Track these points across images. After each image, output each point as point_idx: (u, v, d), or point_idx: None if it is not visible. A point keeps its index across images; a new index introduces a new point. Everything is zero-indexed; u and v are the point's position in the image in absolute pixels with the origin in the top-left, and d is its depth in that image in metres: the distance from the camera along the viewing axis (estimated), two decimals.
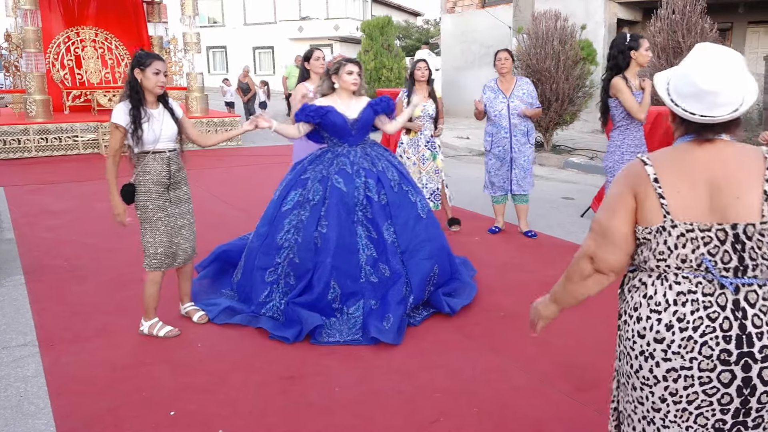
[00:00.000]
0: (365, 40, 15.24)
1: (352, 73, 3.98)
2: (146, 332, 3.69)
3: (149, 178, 3.51)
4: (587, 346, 3.56)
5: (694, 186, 1.57)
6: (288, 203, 3.95)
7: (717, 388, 1.54)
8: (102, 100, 12.57)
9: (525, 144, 5.62)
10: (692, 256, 1.57)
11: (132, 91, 3.46)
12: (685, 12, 8.32)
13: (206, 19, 35.00)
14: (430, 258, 3.94)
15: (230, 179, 8.91)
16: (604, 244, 1.71)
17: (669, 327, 1.58)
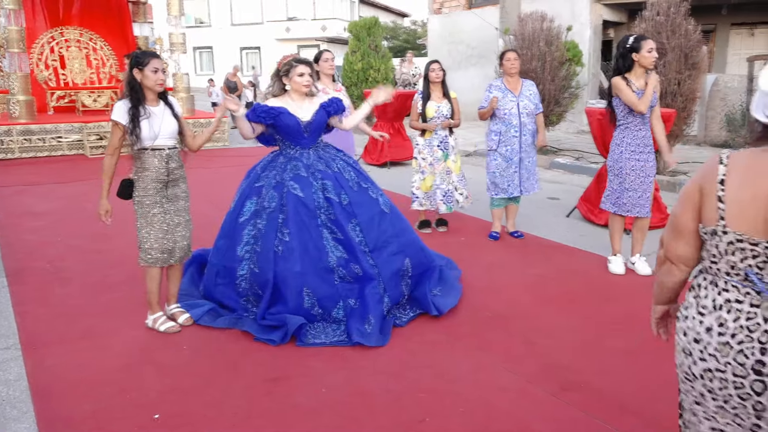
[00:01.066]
0: (352, 40, 15.20)
1: (303, 74, 3.88)
2: (150, 326, 3.76)
3: (147, 175, 3.55)
4: (573, 346, 3.58)
5: (755, 197, 1.51)
6: (245, 214, 3.88)
7: (749, 394, 1.55)
8: (87, 100, 12.46)
9: (531, 144, 5.62)
10: (741, 264, 1.56)
11: (131, 90, 3.50)
12: (669, 13, 8.37)
13: (192, 20, 34.81)
14: (399, 253, 3.92)
15: (217, 180, 8.87)
16: (673, 235, 1.75)
17: (708, 330, 1.60)
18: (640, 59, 4.42)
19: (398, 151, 10.14)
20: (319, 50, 5.37)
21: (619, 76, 4.50)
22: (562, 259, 5.20)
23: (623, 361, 3.37)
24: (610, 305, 4.19)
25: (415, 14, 38.92)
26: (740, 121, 10.69)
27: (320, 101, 4.03)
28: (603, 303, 4.23)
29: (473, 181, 7.13)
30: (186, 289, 4.18)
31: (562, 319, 3.95)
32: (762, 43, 14.91)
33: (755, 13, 14.36)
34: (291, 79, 3.90)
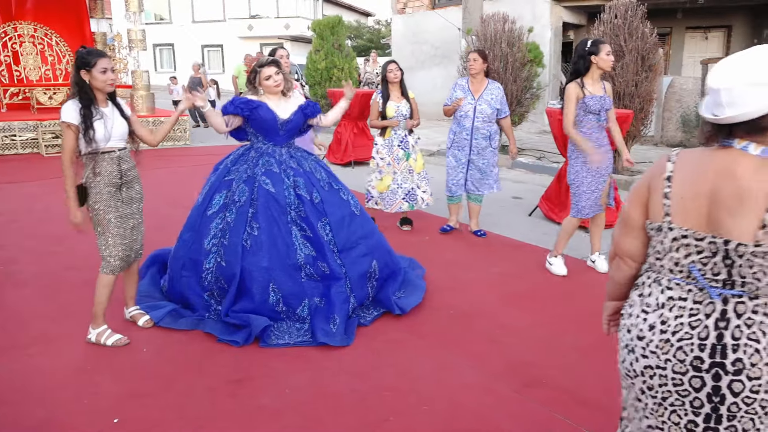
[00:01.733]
0: (316, 39, 15.13)
1: (270, 77, 3.87)
2: (93, 340, 3.54)
3: (100, 179, 3.39)
4: (535, 343, 3.63)
5: (697, 194, 1.54)
6: (213, 207, 3.83)
7: (688, 391, 1.57)
8: (42, 98, 12.10)
9: (486, 148, 5.59)
10: (684, 261, 1.58)
11: (81, 91, 3.34)
12: (627, 17, 8.57)
13: (152, 16, 34.14)
14: (367, 254, 3.93)
15: (178, 180, 8.72)
16: (622, 231, 1.78)
17: (651, 327, 1.63)
18: (599, 62, 4.50)
19: (362, 151, 10.12)
20: (273, 48, 5.33)
21: (575, 83, 4.55)
22: (524, 257, 5.26)
23: (584, 357, 3.43)
24: (571, 302, 4.26)
25: (379, 14, 38.98)
26: (695, 121, 11.00)
27: (298, 102, 4.04)
28: (565, 300, 4.29)
29: (435, 180, 7.16)
30: (146, 291, 4.10)
31: (525, 317, 4.00)
32: (715, 46, 15.37)
33: (709, 17, 14.81)
34: (261, 85, 3.91)
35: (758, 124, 1.47)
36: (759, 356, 1.48)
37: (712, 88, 1.53)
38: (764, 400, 1.50)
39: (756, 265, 1.47)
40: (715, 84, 1.52)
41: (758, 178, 1.46)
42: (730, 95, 1.48)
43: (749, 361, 1.48)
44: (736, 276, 1.50)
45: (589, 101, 4.53)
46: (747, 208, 1.46)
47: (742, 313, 1.50)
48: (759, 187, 1.45)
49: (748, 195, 1.46)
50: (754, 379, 1.49)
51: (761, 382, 1.48)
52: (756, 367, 1.48)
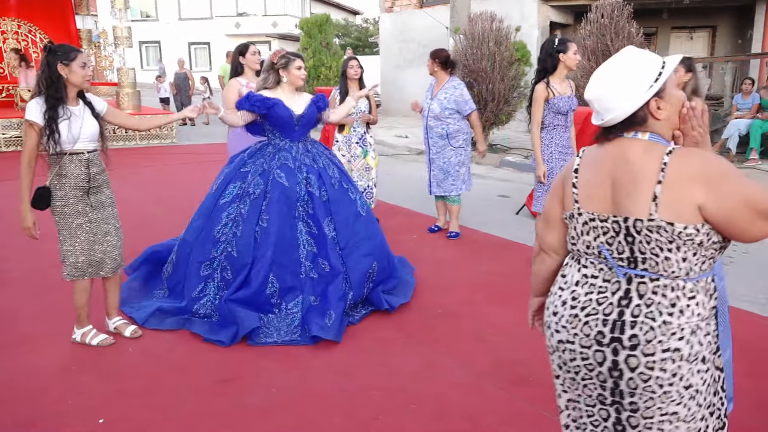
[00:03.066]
0: (304, 37, 15.10)
1: (301, 68, 3.98)
2: (78, 340, 3.50)
3: (66, 182, 3.24)
4: (522, 342, 3.63)
5: (601, 180, 1.68)
6: (227, 196, 3.89)
7: (593, 365, 1.66)
8: (26, 95, 11.96)
9: (445, 147, 5.52)
10: (594, 243, 1.69)
11: (51, 88, 3.14)
12: (613, 16, 8.64)
13: (138, 13, 33.87)
14: (369, 255, 3.95)
15: (164, 178, 8.67)
16: (543, 225, 1.90)
17: (563, 303, 1.73)
18: (566, 60, 4.51)
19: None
20: (244, 43, 5.13)
21: (542, 83, 4.54)
22: (512, 255, 5.28)
23: None
24: None
25: (367, 12, 38.90)
26: None
27: (310, 96, 4.12)
28: None
29: (424, 179, 7.16)
30: (136, 288, 4.13)
31: (513, 315, 4.02)
32: (700, 46, 15.51)
33: (694, 17, 14.94)
34: (290, 72, 3.97)
35: (633, 119, 1.64)
36: (653, 333, 1.56)
37: (588, 100, 1.71)
38: (660, 378, 1.57)
39: (653, 240, 1.57)
40: (587, 96, 1.71)
41: (647, 156, 1.60)
42: (601, 103, 1.67)
43: (644, 337, 1.57)
44: (638, 253, 1.60)
45: (558, 102, 4.52)
46: (640, 186, 1.58)
47: (644, 293, 1.60)
48: (648, 166, 1.59)
49: (641, 175, 1.59)
50: (648, 356, 1.57)
51: (655, 359, 1.56)
52: (650, 343, 1.56)
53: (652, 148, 1.62)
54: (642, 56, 1.65)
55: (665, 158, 1.58)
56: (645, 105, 1.62)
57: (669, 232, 1.55)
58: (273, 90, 4.02)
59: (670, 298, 1.58)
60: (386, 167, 9.62)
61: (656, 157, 1.59)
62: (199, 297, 3.77)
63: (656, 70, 1.62)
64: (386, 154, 11.30)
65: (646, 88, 1.61)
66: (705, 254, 1.58)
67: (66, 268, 3.37)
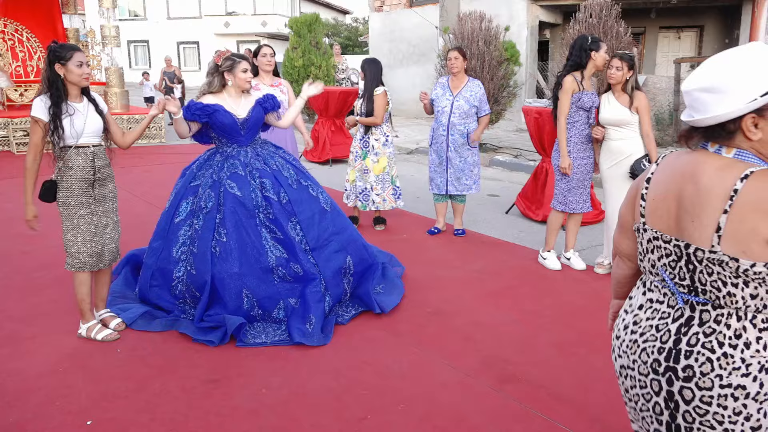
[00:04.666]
0: (293, 37, 15.03)
1: (246, 70, 3.84)
2: (84, 335, 3.55)
3: (72, 174, 3.35)
4: (511, 340, 3.65)
5: (666, 196, 1.54)
6: (180, 214, 3.78)
7: (651, 394, 1.56)
8: (12, 95, 11.86)
9: (463, 146, 5.57)
10: (658, 263, 1.57)
11: (52, 87, 3.27)
12: (602, 16, 8.68)
13: (127, 12, 33.67)
14: (341, 250, 3.90)
15: (152, 178, 8.62)
16: (618, 230, 1.81)
17: (626, 327, 1.65)
18: (597, 59, 4.54)
19: (340, 149, 10.10)
20: (259, 45, 5.33)
21: (572, 75, 4.56)
22: (501, 255, 5.30)
23: (559, 354, 3.46)
24: (547, 300, 4.29)
25: (357, 12, 38.88)
26: (668, 120, 11.15)
27: (255, 98, 3.97)
28: (540, 297, 4.33)
29: (414, 179, 7.16)
30: (119, 291, 4.05)
31: (501, 314, 4.03)
32: (688, 45, 15.62)
33: (682, 17, 15.05)
34: (235, 75, 3.82)
35: (720, 130, 1.45)
36: (710, 366, 1.44)
37: (683, 91, 1.53)
38: (718, 414, 1.44)
39: (714, 273, 1.43)
40: (684, 87, 1.51)
41: (718, 179, 1.41)
42: (690, 99, 1.49)
43: (699, 369, 1.45)
44: (698, 283, 1.47)
45: (585, 97, 4.56)
46: (706, 210, 1.42)
47: (706, 321, 1.47)
48: (717, 188, 1.41)
49: (707, 197, 1.42)
50: (704, 389, 1.45)
51: (712, 393, 1.44)
52: (707, 377, 1.44)
53: (731, 167, 1.41)
54: (762, 60, 1.41)
55: (738, 184, 1.37)
56: (739, 118, 1.41)
57: (733, 269, 1.38)
58: (217, 94, 3.85)
59: (735, 329, 1.42)
60: None
61: (730, 178, 1.39)
62: (181, 312, 3.76)
63: None
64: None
65: (748, 99, 1.39)
66: None
67: (68, 258, 3.46)
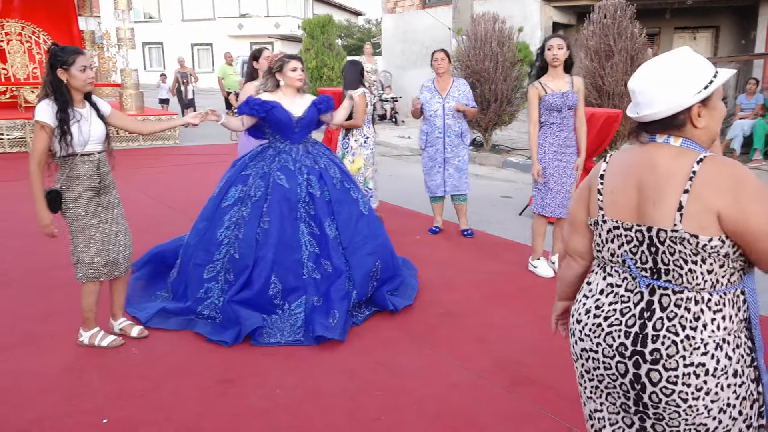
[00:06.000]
0: (306, 38, 15.11)
1: (296, 69, 3.99)
2: (86, 343, 3.46)
3: (79, 183, 3.23)
4: (524, 342, 3.64)
5: (625, 187, 1.64)
6: (228, 199, 3.92)
7: (616, 375, 1.64)
8: (29, 96, 11.97)
9: (459, 145, 5.64)
10: (618, 251, 1.66)
11: (56, 92, 3.14)
12: (616, 17, 8.62)
13: (141, 14, 33.94)
14: (373, 254, 3.96)
15: (166, 179, 8.68)
16: (569, 230, 1.88)
17: (587, 312, 1.71)
18: (547, 56, 4.49)
19: None
20: (258, 48, 5.26)
21: (532, 85, 4.54)
22: (514, 256, 5.28)
23: (570, 357, 3.43)
24: None
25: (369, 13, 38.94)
26: None
27: (311, 98, 4.13)
28: (553, 300, 4.29)
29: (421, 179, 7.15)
30: (139, 290, 4.14)
31: (514, 316, 4.02)
32: (703, 46, 15.48)
33: (697, 17, 14.91)
34: (284, 74, 3.99)
35: (672, 121, 1.58)
36: (675, 348, 1.53)
37: (630, 90, 1.66)
38: (683, 392, 1.54)
39: (677, 252, 1.53)
40: (631, 86, 1.65)
41: (675, 164, 1.55)
42: (643, 96, 1.61)
43: (666, 352, 1.54)
44: (661, 264, 1.57)
45: (549, 98, 4.49)
46: (665, 194, 1.53)
47: (666, 305, 1.56)
48: (676, 172, 1.54)
49: (666, 182, 1.54)
50: (670, 370, 1.54)
51: (677, 373, 1.53)
52: (672, 358, 1.53)
53: (684, 154, 1.57)
54: (697, 60, 1.60)
55: (695, 166, 1.52)
56: (688, 109, 1.57)
57: (693, 245, 1.50)
58: (273, 93, 4.04)
59: (694, 312, 1.54)
60: (389, 168, 9.63)
61: (686, 164, 1.54)
62: (203, 298, 3.79)
63: (708, 76, 1.57)
64: (389, 155, 11.30)
65: (695, 92, 1.55)
66: (733, 266, 1.54)
67: (81, 269, 3.35)
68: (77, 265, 3.36)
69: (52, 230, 3.30)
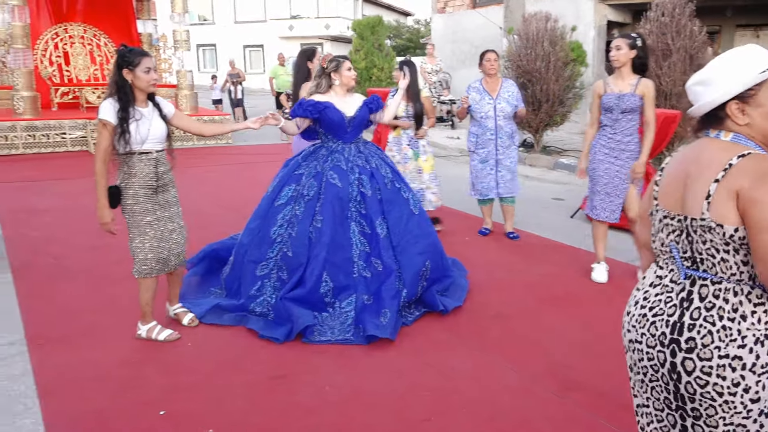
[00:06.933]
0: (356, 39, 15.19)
1: (351, 69, 4.07)
2: (144, 336, 3.58)
3: (136, 181, 3.36)
4: (576, 346, 3.58)
5: (676, 177, 1.68)
6: (282, 198, 3.99)
7: (657, 365, 1.64)
8: (91, 97, 12.47)
9: (510, 146, 5.60)
10: (666, 240, 1.68)
11: (120, 92, 3.28)
12: (674, 14, 8.36)
13: (196, 17, 34.82)
14: (423, 253, 3.96)
15: (219, 178, 8.88)
16: (638, 222, 1.93)
17: (636, 303, 1.73)
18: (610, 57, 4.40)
19: None
20: (311, 48, 5.27)
21: (597, 82, 4.51)
22: (566, 259, 5.19)
23: (624, 362, 3.35)
24: (613, 305, 4.17)
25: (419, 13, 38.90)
26: None
27: (362, 98, 4.19)
28: (607, 303, 4.22)
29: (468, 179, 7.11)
30: (194, 286, 4.25)
31: (566, 319, 3.95)
32: (767, 44, 14.87)
33: (760, 14, 14.33)
34: (341, 74, 4.06)
35: (713, 117, 1.63)
36: (711, 338, 1.52)
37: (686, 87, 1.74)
38: (718, 385, 1.51)
39: (708, 241, 1.54)
40: (688, 83, 1.72)
41: (717, 156, 1.56)
42: (690, 93, 1.69)
43: (701, 341, 1.53)
44: (696, 252, 1.58)
45: (605, 98, 4.39)
46: (699, 183, 1.56)
47: (705, 296, 1.56)
48: (714, 162, 1.55)
49: (704, 170, 1.56)
50: (704, 360, 1.52)
51: (711, 364, 1.51)
52: (707, 348, 1.52)
53: (730, 149, 1.57)
54: (745, 56, 1.59)
55: (734, 159, 1.52)
56: (724, 104, 1.58)
57: (720, 234, 1.51)
58: (325, 94, 4.09)
59: (733, 303, 1.52)
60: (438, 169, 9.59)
61: (727, 156, 1.54)
62: (256, 296, 3.86)
63: (752, 73, 1.55)
64: (438, 156, 11.25)
65: (728, 89, 1.57)
66: None
67: (136, 264, 3.48)
68: (133, 259, 3.48)
69: (111, 227, 3.43)
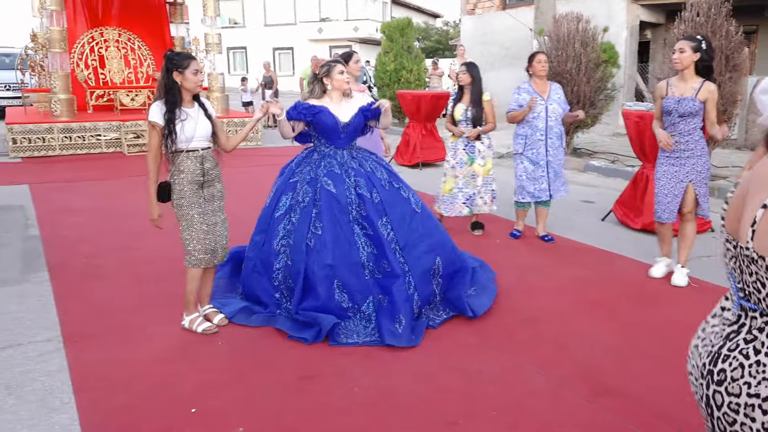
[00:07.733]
0: (385, 41, 15.22)
1: (343, 72, 4.02)
2: (187, 326, 3.75)
3: (183, 177, 3.57)
4: (606, 351, 3.53)
5: (738, 196, 1.49)
6: (281, 208, 3.97)
7: (700, 398, 1.53)
8: (125, 99, 12.73)
9: (558, 147, 5.56)
10: (727, 267, 1.53)
11: (168, 93, 3.51)
12: (710, 14, 8.19)
13: (227, 20, 35.30)
14: (430, 252, 3.94)
15: (250, 179, 8.97)
16: None
17: (697, 334, 1.62)
18: None
19: (430, 152, 10.14)
20: (348, 51, 5.37)
21: (664, 80, 4.50)
22: (596, 262, 5.13)
23: (658, 368, 3.31)
24: (645, 310, 4.11)
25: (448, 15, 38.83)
26: None
27: (359, 104, 4.11)
28: (638, 308, 4.16)
29: (505, 182, 7.07)
30: (222, 287, 4.28)
31: (596, 323, 3.90)
32: None
33: None
34: (332, 78, 4.01)
35: None
36: (741, 372, 1.37)
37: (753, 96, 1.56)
38: (746, 426, 1.36)
39: (753, 273, 1.35)
40: (756, 92, 1.57)
41: None
42: (758, 102, 1.54)
43: (731, 374, 1.39)
44: (744, 284, 1.40)
45: (665, 101, 4.40)
46: (750, 204, 1.36)
47: (750, 328, 1.41)
48: (765, 182, 1.34)
49: (756, 191, 1.36)
50: (732, 395, 1.38)
51: (739, 401, 1.37)
52: (736, 383, 1.38)
53: None
54: None
55: None
56: None
57: (763, 268, 1.31)
58: (320, 99, 4.05)
59: None
60: None
61: None
62: (278, 303, 3.91)
63: None
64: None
65: None
66: None
67: (187, 255, 3.68)
68: (184, 250, 3.68)
69: (158, 223, 3.69)
